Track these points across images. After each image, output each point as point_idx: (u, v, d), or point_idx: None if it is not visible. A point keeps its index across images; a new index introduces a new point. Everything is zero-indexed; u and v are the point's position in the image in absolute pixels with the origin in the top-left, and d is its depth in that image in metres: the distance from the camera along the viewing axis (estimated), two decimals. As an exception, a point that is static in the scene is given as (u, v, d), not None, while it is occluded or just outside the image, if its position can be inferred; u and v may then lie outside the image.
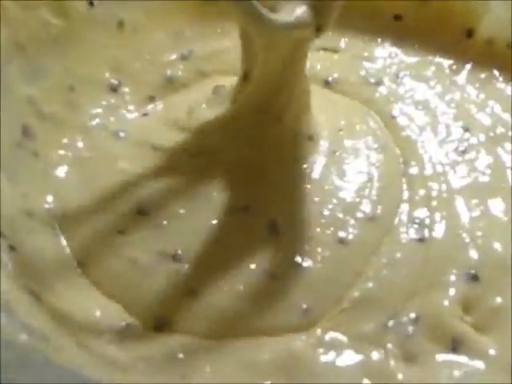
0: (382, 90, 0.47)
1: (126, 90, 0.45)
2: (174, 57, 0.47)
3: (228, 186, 0.41)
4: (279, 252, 0.39)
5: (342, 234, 0.40)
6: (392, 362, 0.35)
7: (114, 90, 0.44)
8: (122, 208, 0.41)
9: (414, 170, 0.42)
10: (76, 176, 0.42)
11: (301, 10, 0.37)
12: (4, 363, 0.24)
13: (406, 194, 0.41)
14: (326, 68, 0.47)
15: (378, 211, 0.41)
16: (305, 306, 0.37)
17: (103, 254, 0.40)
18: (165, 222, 0.40)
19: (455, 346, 0.36)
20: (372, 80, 0.47)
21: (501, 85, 0.46)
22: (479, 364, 0.35)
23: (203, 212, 0.40)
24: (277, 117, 0.45)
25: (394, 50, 0.49)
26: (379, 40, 0.50)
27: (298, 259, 0.39)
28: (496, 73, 0.47)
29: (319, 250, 0.39)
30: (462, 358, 0.36)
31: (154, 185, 0.42)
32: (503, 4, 0.47)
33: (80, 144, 0.43)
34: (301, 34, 0.38)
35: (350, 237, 0.40)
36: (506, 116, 0.44)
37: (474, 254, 0.39)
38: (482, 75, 0.47)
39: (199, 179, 0.42)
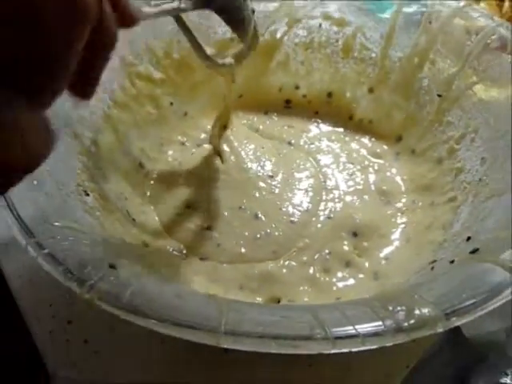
0: (313, 147, 0.49)
1: (188, 144, 0.47)
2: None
3: (233, 198, 0.43)
4: (260, 227, 0.41)
5: (292, 218, 0.42)
6: (317, 274, 0.38)
7: (182, 144, 0.47)
8: (179, 203, 0.43)
9: (328, 186, 0.45)
10: (160, 184, 0.44)
11: (229, 60, 0.41)
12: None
13: (323, 197, 0.44)
14: (288, 136, 0.49)
15: (310, 207, 0.43)
16: (273, 249, 0.40)
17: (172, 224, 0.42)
18: (201, 210, 0.42)
19: (347, 264, 0.39)
20: (308, 141, 0.49)
21: (366, 141, 0.48)
22: (359, 273, 0.39)
23: (221, 207, 0.43)
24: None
25: (319, 127, 0.51)
26: (309, 123, 0.52)
27: (269, 230, 0.41)
28: (364, 136, 0.49)
29: (280, 225, 0.41)
30: (351, 270, 0.39)
31: (197, 192, 0.44)
32: (366, 103, 0.49)
33: (162, 170, 0.45)
34: (230, 68, 0.42)
35: (295, 219, 0.42)
36: (368, 156, 0.47)
37: (355, 222, 0.41)
38: (357, 137, 0.49)
39: (214, 192, 0.44)
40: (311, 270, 0.39)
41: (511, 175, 0.33)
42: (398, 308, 0.24)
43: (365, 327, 0.23)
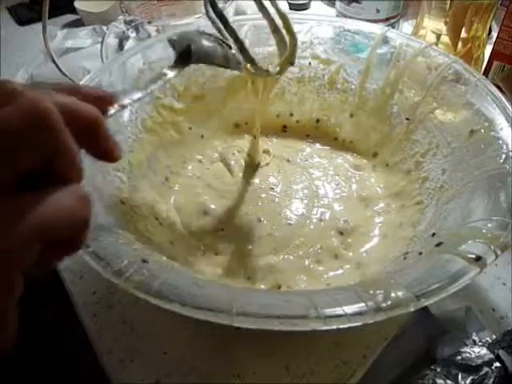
0: (307, 163, 0.48)
1: (205, 161, 0.46)
2: (225, 145, 0.48)
3: (241, 206, 0.43)
4: (263, 229, 0.41)
5: (289, 221, 0.41)
6: (311, 265, 0.38)
7: (199, 161, 0.46)
8: (198, 210, 0.42)
9: (319, 194, 0.44)
10: (182, 194, 0.43)
11: (273, 68, 0.39)
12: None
13: (315, 204, 0.43)
14: (286, 155, 0.48)
15: (305, 211, 0.42)
16: (274, 246, 0.39)
17: (192, 227, 0.41)
18: (216, 215, 0.42)
19: (336, 257, 0.38)
20: (302, 158, 0.48)
21: (348, 157, 0.47)
22: (345, 263, 0.38)
23: (231, 213, 0.42)
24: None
25: (311, 147, 0.50)
26: (303, 143, 0.50)
27: (270, 231, 0.40)
28: (347, 153, 0.48)
29: (280, 227, 0.41)
30: (338, 262, 0.38)
31: (212, 200, 0.43)
32: (348, 126, 0.48)
33: (183, 182, 0.44)
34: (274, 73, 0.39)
35: (292, 222, 0.41)
36: (351, 169, 0.46)
37: (341, 223, 0.41)
38: (341, 154, 0.48)
39: (226, 201, 0.43)
40: (306, 262, 0.38)
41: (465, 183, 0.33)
42: (377, 292, 0.24)
43: (350, 308, 0.23)
